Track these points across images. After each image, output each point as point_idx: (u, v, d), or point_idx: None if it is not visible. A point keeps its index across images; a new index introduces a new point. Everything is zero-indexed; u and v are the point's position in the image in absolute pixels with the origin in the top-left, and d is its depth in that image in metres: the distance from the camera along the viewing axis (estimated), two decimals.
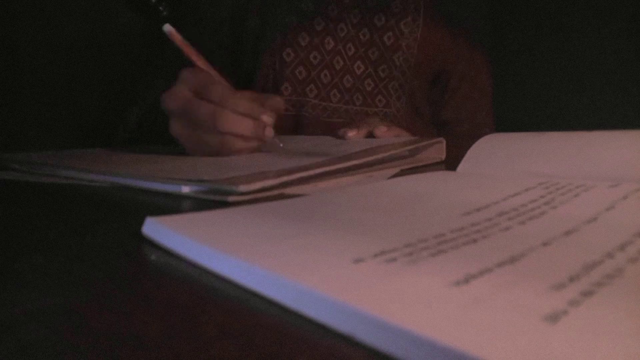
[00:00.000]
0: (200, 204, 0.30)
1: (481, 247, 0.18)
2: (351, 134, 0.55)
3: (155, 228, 0.22)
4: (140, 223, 0.22)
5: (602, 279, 0.14)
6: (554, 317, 0.12)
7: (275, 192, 0.32)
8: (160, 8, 0.50)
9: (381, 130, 0.55)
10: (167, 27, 0.49)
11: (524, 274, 0.15)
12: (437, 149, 0.49)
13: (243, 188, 0.29)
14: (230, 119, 0.44)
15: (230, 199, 0.29)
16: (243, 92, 0.48)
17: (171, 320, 0.14)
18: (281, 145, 0.48)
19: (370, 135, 0.55)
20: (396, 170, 0.42)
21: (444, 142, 0.49)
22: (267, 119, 0.46)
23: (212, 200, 0.30)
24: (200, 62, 0.49)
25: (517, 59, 0.91)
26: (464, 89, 0.79)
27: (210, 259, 0.18)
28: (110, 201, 0.32)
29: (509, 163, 0.36)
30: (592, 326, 0.12)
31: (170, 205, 0.31)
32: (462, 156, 0.39)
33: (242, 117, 0.45)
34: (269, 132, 0.47)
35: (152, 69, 0.77)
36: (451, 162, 0.45)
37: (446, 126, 0.80)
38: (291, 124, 0.72)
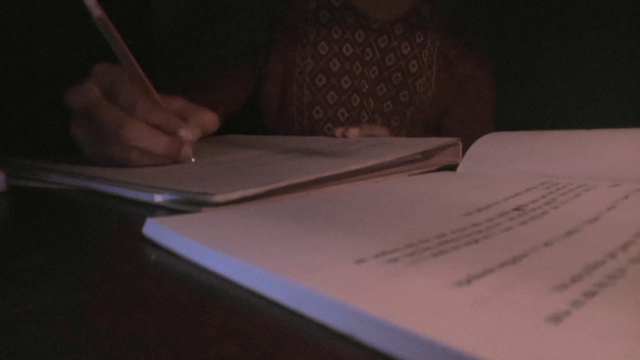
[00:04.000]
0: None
1: (483, 248, 0.18)
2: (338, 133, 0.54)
3: (155, 228, 0.22)
4: (140, 223, 0.22)
5: (604, 279, 0.14)
6: (556, 318, 0.12)
7: (260, 201, 0.28)
8: None
9: (352, 132, 0.53)
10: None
11: (526, 274, 0.15)
12: (453, 151, 0.45)
13: (220, 198, 0.26)
14: (137, 131, 0.37)
15: (205, 210, 0.26)
16: (166, 99, 0.41)
17: (171, 320, 0.14)
18: (193, 160, 0.40)
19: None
20: (403, 176, 0.38)
21: (460, 144, 0.44)
22: (187, 134, 0.38)
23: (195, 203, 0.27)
24: (119, 51, 0.39)
25: (516, 59, 0.90)
26: (464, 102, 0.79)
27: (210, 259, 0.18)
28: (109, 202, 0.32)
29: (509, 163, 0.36)
30: (595, 327, 0.12)
31: (169, 205, 0.31)
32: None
33: (153, 130, 0.38)
34: (186, 152, 0.39)
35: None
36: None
37: (440, 129, 0.80)
38: None
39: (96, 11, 0.37)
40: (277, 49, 0.73)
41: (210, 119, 0.43)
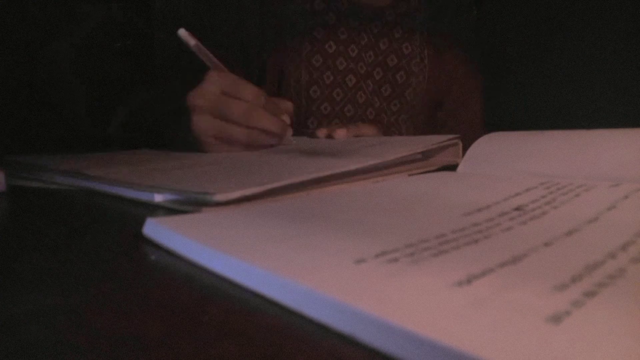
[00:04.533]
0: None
1: (483, 248, 0.18)
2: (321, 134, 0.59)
3: (156, 228, 0.22)
4: (140, 223, 0.22)
5: (604, 279, 0.14)
6: (556, 318, 0.12)
7: (260, 201, 0.28)
8: None
9: (339, 133, 0.57)
10: (182, 32, 0.49)
11: (526, 274, 0.15)
12: (453, 151, 0.45)
13: (220, 197, 0.26)
14: (262, 116, 0.50)
15: (205, 210, 0.26)
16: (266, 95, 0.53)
17: (171, 320, 0.14)
18: (294, 142, 0.54)
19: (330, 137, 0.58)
20: (403, 176, 0.38)
21: (460, 143, 0.44)
22: (287, 118, 0.54)
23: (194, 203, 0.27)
24: (217, 66, 0.52)
25: (516, 59, 0.91)
26: (459, 113, 0.83)
27: (211, 259, 0.18)
28: (109, 202, 0.32)
29: (509, 163, 0.36)
30: (595, 327, 0.12)
31: (169, 205, 0.31)
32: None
33: (272, 115, 0.51)
34: (290, 130, 0.54)
35: (136, 74, 0.78)
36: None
37: (435, 123, 0.83)
38: None
39: (190, 41, 0.49)
40: (270, 58, 0.75)
41: (291, 105, 0.59)
